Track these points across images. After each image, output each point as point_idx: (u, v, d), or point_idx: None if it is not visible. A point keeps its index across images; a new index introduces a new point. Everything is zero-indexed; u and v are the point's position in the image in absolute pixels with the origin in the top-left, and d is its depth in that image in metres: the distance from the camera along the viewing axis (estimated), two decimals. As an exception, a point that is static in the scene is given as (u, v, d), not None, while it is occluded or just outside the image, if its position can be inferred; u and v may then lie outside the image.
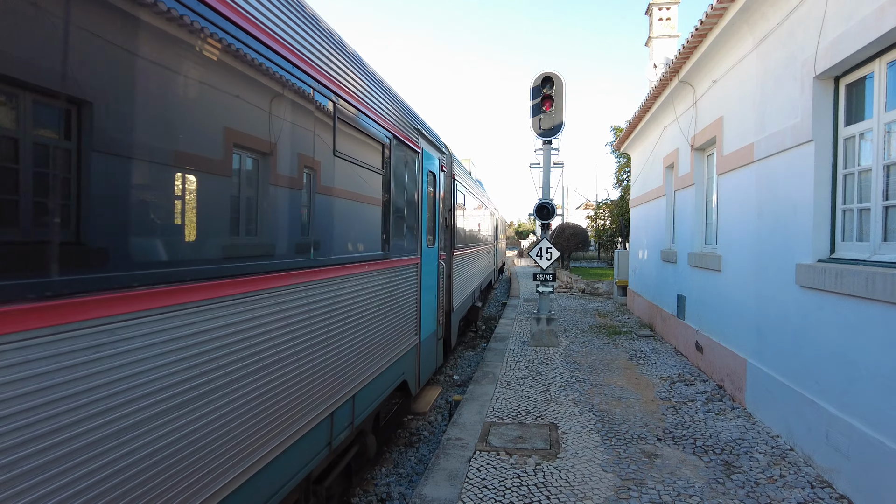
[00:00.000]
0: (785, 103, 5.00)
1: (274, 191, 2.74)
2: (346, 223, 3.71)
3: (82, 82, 1.64)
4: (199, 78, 2.17)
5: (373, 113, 4.16)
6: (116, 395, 1.77)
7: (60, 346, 1.57)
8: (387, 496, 4.77)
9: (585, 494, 3.86)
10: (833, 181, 4.41)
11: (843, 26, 4.04)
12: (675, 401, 6.03)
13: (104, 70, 1.73)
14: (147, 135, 1.91)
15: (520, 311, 13.55)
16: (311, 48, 3.07)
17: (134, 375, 1.83)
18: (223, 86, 2.34)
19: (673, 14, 13.30)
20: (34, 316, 1.49)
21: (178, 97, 2.06)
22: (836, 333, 4.11)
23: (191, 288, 2.10)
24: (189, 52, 2.09)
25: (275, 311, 2.72)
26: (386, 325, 4.65)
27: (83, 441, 1.65)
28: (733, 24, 5.88)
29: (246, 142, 2.51)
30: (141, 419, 1.86)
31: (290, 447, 2.91)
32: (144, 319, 1.88)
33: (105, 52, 1.73)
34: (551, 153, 9.42)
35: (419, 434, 6.23)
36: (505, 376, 7.03)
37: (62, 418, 1.58)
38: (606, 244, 33.42)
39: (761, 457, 4.52)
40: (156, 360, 1.93)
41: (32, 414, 1.50)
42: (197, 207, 2.19)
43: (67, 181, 1.61)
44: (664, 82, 8.68)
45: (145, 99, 1.89)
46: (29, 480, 1.49)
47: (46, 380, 1.53)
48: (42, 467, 1.53)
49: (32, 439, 1.50)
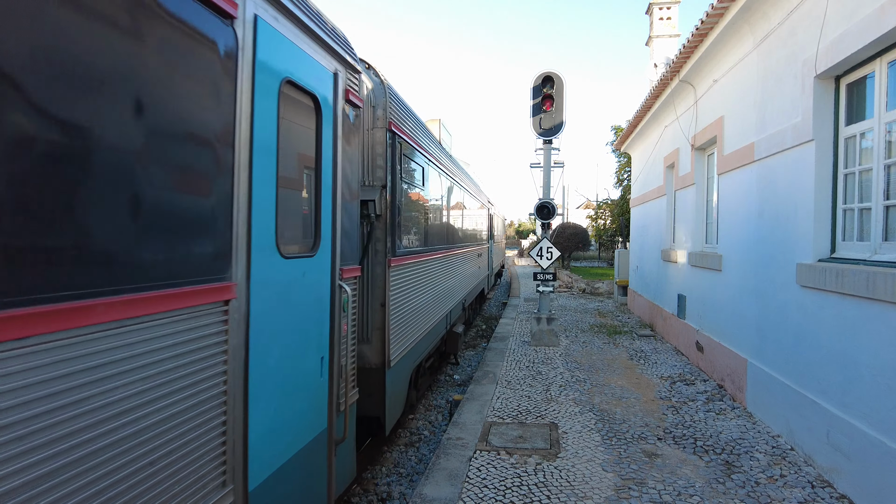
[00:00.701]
0: (786, 103, 4.99)
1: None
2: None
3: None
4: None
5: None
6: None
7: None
8: (387, 496, 4.77)
9: (586, 494, 3.86)
10: (834, 181, 4.41)
11: (844, 26, 4.04)
12: (676, 400, 6.02)
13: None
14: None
15: (520, 310, 13.55)
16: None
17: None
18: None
19: (673, 13, 13.29)
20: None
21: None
22: (836, 333, 4.11)
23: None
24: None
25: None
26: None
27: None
28: (734, 23, 5.87)
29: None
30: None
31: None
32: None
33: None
34: (552, 153, 9.42)
35: (419, 434, 6.23)
36: (505, 376, 7.03)
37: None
38: (607, 244, 33.42)
39: (762, 456, 4.52)
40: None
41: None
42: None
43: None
44: (665, 82, 8.67)
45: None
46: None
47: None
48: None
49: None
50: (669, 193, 9.99)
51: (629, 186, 20.27)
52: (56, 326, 1.50)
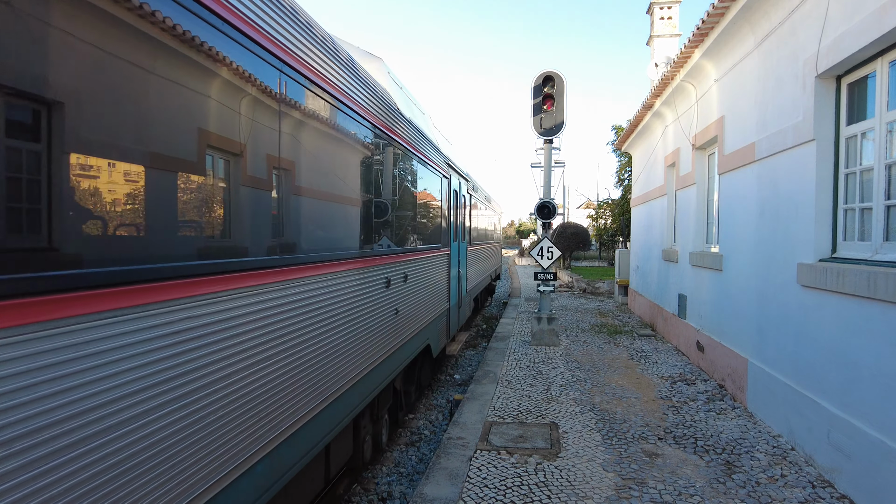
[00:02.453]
0: (787, 102, 4.99)
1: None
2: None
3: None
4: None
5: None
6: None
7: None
8: (388, 495, 4.77)
9: (586, 494, 3.86)
10: (835, 180, 4.41)
11: (845, 25, 4.03)
12: (676, 400, 6.02)
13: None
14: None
15: (521, 310, 13.55)
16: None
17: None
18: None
19: (674, 13, 13.27)
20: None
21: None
22: (837, 333, 4.10)
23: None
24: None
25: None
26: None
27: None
28: (735, 22, 5.86)
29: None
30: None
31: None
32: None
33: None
34: (552, 152, 9.42)
35: (420, 433, 6.24)
36: (506, 376, 7.03)
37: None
38: (607, 243, 33.38)
39: (762, 456, 4.52)
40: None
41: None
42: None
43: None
44: (665, 81, 8.67)
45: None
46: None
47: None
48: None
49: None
50: (670, 193, 9.99)
51: (630, 186, 20.24)
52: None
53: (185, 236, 2.20)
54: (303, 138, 3.15)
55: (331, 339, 3.53)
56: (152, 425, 1.94)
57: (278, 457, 2.83)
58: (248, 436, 2.53)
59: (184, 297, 2.11)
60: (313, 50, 3.19)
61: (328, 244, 3.57)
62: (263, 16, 2.60)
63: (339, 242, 3.76)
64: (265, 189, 2.78)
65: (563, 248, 27.36)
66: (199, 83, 2.22)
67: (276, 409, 2.78)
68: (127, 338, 1.84)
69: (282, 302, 2.85)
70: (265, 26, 2.62)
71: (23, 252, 1.53)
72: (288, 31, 2.88)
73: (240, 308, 2.46)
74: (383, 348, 4.74)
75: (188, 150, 2.19)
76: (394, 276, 5.07)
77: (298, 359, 3.05)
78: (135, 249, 1.94)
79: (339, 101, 3.63)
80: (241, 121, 2.48)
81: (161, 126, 2.02)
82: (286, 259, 2.92)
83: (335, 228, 3.75)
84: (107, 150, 1.79)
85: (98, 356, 1.73)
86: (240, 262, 2.50)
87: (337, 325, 3.63)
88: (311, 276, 3.22)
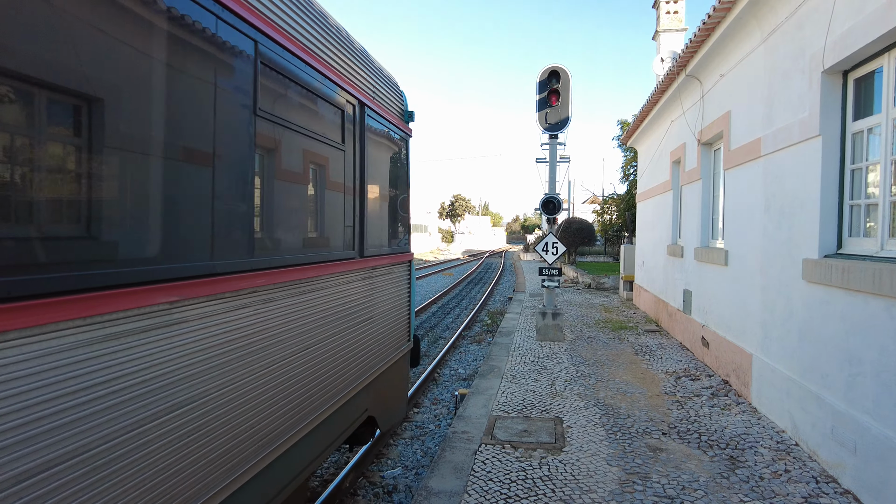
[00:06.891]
0: (793, 98, 4.97)
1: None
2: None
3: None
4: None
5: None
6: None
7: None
8: (393, 488, 4.82)
9: (590, 488, 3.89)
10: (841, 176, 4.40)
11: (852, 20, 4.01)
12: (681, 395, 6.04)
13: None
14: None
15: (525, 305, 13.57)
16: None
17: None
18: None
19: (680, 7, 13.20)
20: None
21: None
22: (842, 328, 4.11)
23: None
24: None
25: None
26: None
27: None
28: (741, 17, 5.84)
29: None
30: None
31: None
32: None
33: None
34: (557, 147, 9.41)
35: (425, 427, 6.28)
36: (510, 370, 7.06)
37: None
38: (612, 239, 33.29)
39: (766, 451, 4.53)
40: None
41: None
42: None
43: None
44: (671, 76, 8.63)
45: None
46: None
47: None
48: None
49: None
50: (676, 188, 9.97)
51: (635, 181, 20.20)
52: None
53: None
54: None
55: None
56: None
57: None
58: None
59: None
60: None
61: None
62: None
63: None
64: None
65: (568, 243, 27.32)
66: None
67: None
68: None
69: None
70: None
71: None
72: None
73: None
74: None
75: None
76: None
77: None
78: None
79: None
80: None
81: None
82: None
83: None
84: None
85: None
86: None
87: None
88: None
